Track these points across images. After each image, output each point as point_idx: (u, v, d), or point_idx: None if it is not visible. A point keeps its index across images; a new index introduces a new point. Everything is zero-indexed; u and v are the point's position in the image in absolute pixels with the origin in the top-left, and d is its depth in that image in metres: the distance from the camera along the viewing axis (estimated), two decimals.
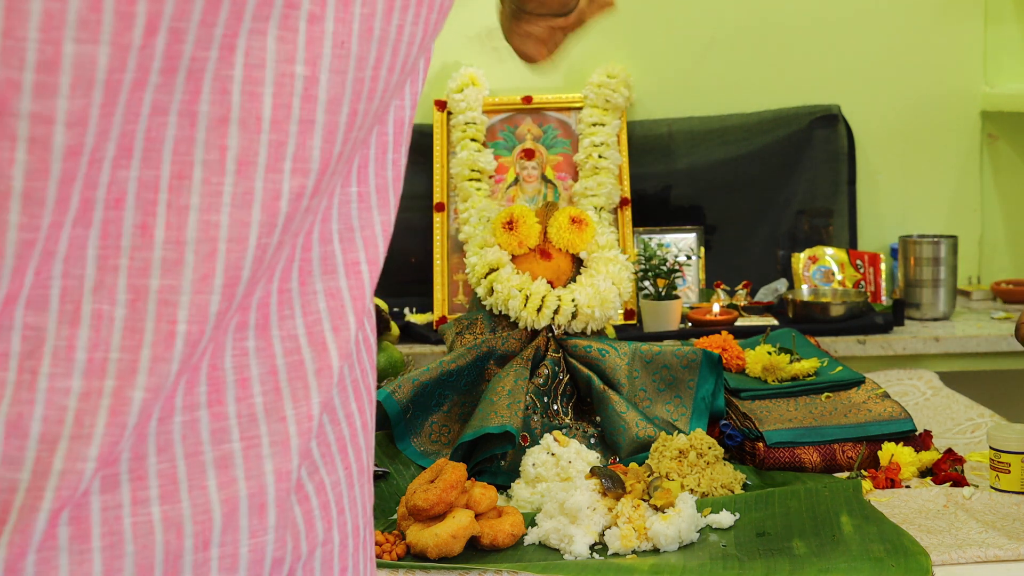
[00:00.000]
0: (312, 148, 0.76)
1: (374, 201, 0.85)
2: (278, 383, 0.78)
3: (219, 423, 0.76)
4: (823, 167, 3.02)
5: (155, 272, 0.72)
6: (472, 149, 2.82)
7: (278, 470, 0.77)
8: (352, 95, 0.77)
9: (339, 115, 0.77)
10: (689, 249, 2.89)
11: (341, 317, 0.82)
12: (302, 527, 0.79)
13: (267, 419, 0.77)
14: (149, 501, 0.73)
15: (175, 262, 0.72)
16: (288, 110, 0.75)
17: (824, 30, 3.05)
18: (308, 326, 0.80)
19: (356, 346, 0.86)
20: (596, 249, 1.98)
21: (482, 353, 1.89)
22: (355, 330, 0.83)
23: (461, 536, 1.47)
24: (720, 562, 1.45)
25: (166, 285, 0.72)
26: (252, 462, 0.76)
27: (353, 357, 0.86)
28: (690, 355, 1.89)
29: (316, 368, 0.80)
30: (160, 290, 0.72)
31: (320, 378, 0.80)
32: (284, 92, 0.74)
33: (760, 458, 1.78)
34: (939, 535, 1.51)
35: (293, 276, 0.79)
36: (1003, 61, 3.11)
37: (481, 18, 2.98)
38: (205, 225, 0.73)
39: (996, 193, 3.14)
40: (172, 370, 0.73)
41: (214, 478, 0.75)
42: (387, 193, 0.86)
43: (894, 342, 2.69)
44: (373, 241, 0.84)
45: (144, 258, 0.72)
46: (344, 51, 0.76)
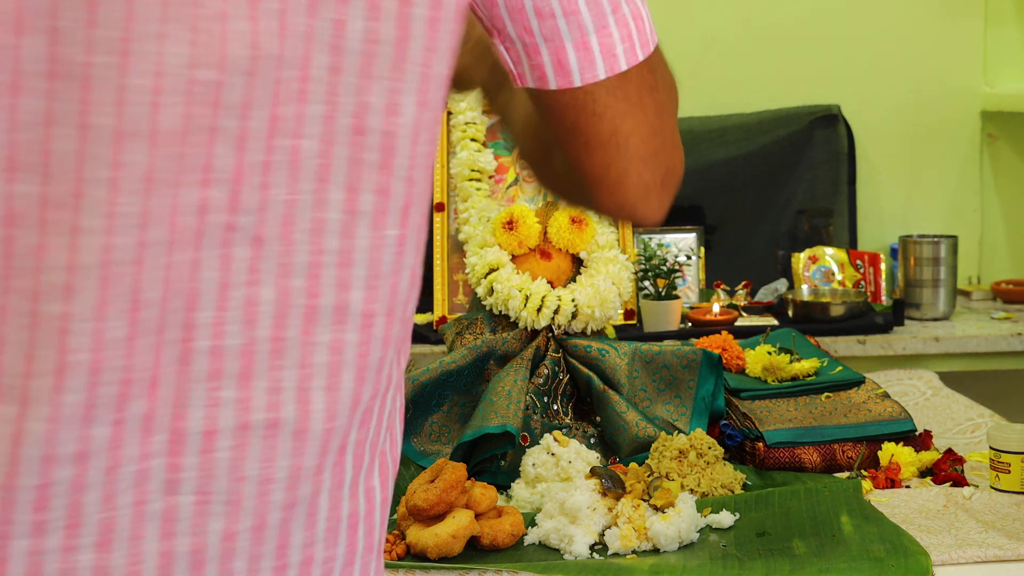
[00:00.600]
0: (220, 157, 0.72)
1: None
2: (247, 440, 0.75)
3: (174, 474, 0.73)
4: (823, 167, 3.02)
5: (51, 297, 0.68)
6: (472, 149, 2.82)
7: (226, 530, 0.74)
8: (272, 98, 0.73)
9: (251, 120, 0.73)
10: (689, 249, 2.89)
11: (336, 375, 0.78)
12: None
13: (228, 476, 0.74)
14: (79, 548, 0.70)
15: (70, 287, 0.68)
16: (191, 119, 0.70)
17: (824, 30, 3.05)
18: (300, 380, 0.76)
19: (373, 412, 0.82)
20: (596, 249, 1.98)
21: (482, 353, 1.88)
22: (363, 392, 0.79)
23: (461, 536, 1.47)
24: (720, 562, 1.45)
25: (62, 312, 0.68)
26: (199, 519, 0.74)
27: (372, 424, 0.82)
28: (690, 355, 1.89)
29: (295, 429, 0.77)
30: (57, 317, 0.68)
31: (297, 440, 0.76)
32: (188, 100, 0.70)
33: (760, 458, 1.78)
34: (939, 535, 1.51)
35: (291, 324, 0.76)
36: (1003, 61, 3.11)
37: None
38: (104, 248, 0.69)
39: (996, 193, 3.14)
40: (78, 401, 0.69)
41: (155, 530, 0.72)
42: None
43: (894, 342, 2.69)
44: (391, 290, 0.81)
45: (40, 281, 0.68)
46: (257, 52, 0.72)
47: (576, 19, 0.89)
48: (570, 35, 0.89)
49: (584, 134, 0.93)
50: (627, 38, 0.93)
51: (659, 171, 0.94)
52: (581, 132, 0.92)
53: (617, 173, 0.94)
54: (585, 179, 0.95)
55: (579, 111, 0.92)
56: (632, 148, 0.93)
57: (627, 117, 0.92)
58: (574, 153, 0.94)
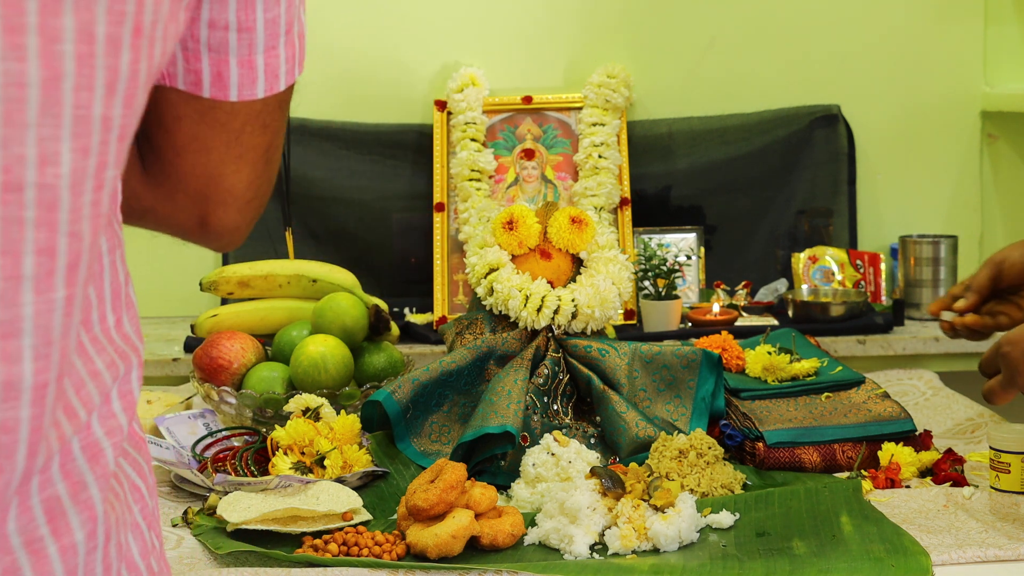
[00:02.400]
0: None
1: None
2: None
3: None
4: (823, 167, 3.01)
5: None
6: (472, 149, 2.82)
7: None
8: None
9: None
10: (689, 249, 2.89)
11: (11, 456, 0.74)
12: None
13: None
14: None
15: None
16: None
17: (824, 30, 3.05)
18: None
19: (52, 469, 0.78)
20: (596, 249, 1.98)
21: (482, 353, 1.89)
22: (35, 463, 0.76)
23: (461, 536, 1.47)
24: (720, 562, 1.45)
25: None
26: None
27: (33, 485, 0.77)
28: (690, 355, 1.89)
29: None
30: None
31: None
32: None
33: (760, 458, 1.78)
34: (939, 535, 1.51)
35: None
36: (1003, 61, 3.11)
37: (481, 18, 2.98)
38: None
39: (996, 193, 3.14)
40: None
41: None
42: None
43: (894, 342, 2.69)
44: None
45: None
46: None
47: (249, 36, 0.92)
48: (237, 51, 0.93)
49: (238, 146, 0.96)
50: (290, 59, 0.97)
51: (265, 199, 1.02)
52: (238, 144, 0.96)
53: (258, 191, 1.00)
54: (238, 193, 0.99)
55: (248, 120, 0.96)
56: (274, 166, 1.00)
57: (279, 137, 1.00)
58: (238, 169, 0.99)
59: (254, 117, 0.96)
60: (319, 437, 1.73)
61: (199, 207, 0.98)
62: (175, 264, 2.89)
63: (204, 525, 1.58)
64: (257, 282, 2.25)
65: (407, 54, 2.95)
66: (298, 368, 1.94)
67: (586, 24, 2.98)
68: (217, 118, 0.94)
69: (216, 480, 1.65)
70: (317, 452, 1.72)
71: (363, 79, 2.91)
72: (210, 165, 0.97)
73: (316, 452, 1.72)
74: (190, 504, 1.69)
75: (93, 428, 0.81)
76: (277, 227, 2.65)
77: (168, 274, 2.88)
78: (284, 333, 2.06)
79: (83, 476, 0.79)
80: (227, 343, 2.00)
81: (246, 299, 2.30)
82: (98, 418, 0.81)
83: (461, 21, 2.97)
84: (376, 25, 2.94)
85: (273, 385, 1.95)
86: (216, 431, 1.84)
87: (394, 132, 2.91)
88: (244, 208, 1.00)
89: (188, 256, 2.89)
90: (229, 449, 1.80)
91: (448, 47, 2.95)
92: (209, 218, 0.99)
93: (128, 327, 0.88)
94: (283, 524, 1.53)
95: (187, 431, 1.87)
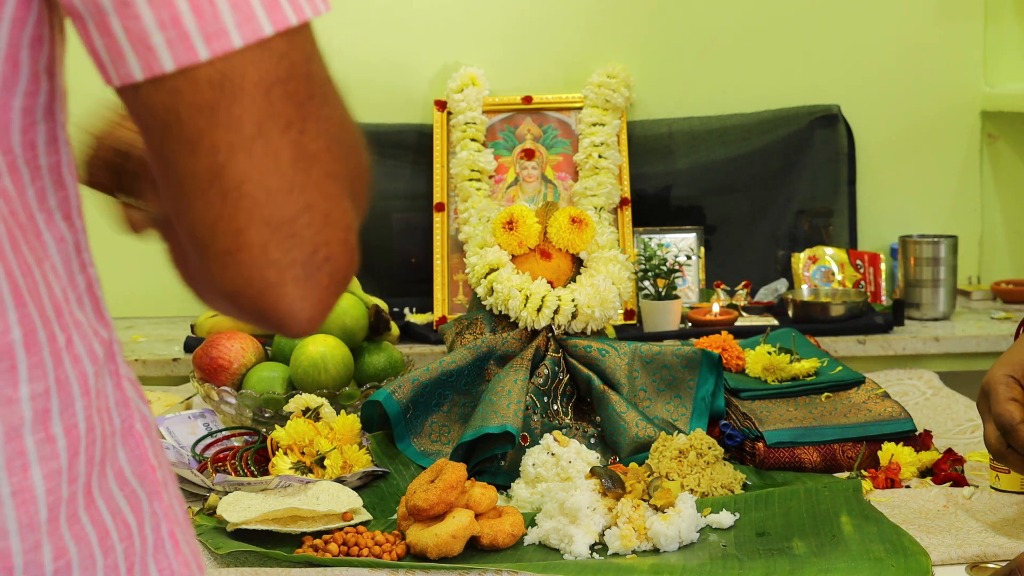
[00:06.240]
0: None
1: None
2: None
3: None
4: (823, 167, 3.02)
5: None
6: (472, 149, 2.82)
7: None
8: None
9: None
10: (689, 249, 2.89)
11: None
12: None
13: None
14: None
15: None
16: None
17: (824, 30, 3.05)
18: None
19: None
20: (596, 249, 1.98)
21: (482, 353, 1.89)
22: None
23: (461, 536, 1.47)
24: (720, 562, 1.45)
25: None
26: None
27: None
28: (690, 355, 1.89)
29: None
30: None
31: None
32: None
33: (760, 458, 1.78)
34: (939, 535, 1.51)
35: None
36: (1003, 61, 3.11)
37: (481, 18, 2.98)
38: None
39: (996, 193, 3.14)
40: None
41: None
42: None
43: (894, 342, 2.69)
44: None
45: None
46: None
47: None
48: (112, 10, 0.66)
49: (174, 169, 0.70)
50: (243, 5, 0.67)
51: (301, 249, 0.71)
52: (171, 165, 0.70)
53: (228, 236, 0.70)
54: (191, 247, 0.72)
55: (165, 129, 0.69)
56: (249, 203, 0.69)
57: (238, 154, 0.69)
58: (169, 203, 0.72)
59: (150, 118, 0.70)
60: (319, 437, 1.73)
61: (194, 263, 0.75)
62: None
63: (204, 525, 1.58)
64: None
65: (407, 54, 2.95)
66: (298, 368, 1.94)
67: (586, 24, 2.98)
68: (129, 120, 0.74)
69: (216, 480, 1.65)
70: (317, 452, 1.72)
71: (363, 79, 2.91)
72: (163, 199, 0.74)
73: (316, 452, 1.72)
74: (190, 504, 1.69)
75: (30, 471, 0.77)
76: None
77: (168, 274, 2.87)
78: None
79: (5, 524, 0.74)
80: (227, 343, 2.00)
81: None
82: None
83: (461, 21, 2.97)
84: (376, 25, 2.94)
85: (273, 385, 1.95)
86: (216, 431, 1.84)
87: (394, 132, 2.91)
88: (226, 263, 0.72)
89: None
90: (229, 449, 1.80)
91: (448, 47, 2.95)
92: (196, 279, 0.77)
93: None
94: (283, 524, 1.53)
95: (187, 431, 1.87)
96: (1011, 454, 1.43)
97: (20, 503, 0.73)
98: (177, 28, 0.66)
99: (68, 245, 0.78)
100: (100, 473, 0.78)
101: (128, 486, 0.80)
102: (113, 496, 0.79)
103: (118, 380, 0.82)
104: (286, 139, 0.69)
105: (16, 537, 0.73)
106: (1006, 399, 1.43)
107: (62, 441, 0.75)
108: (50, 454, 0.74)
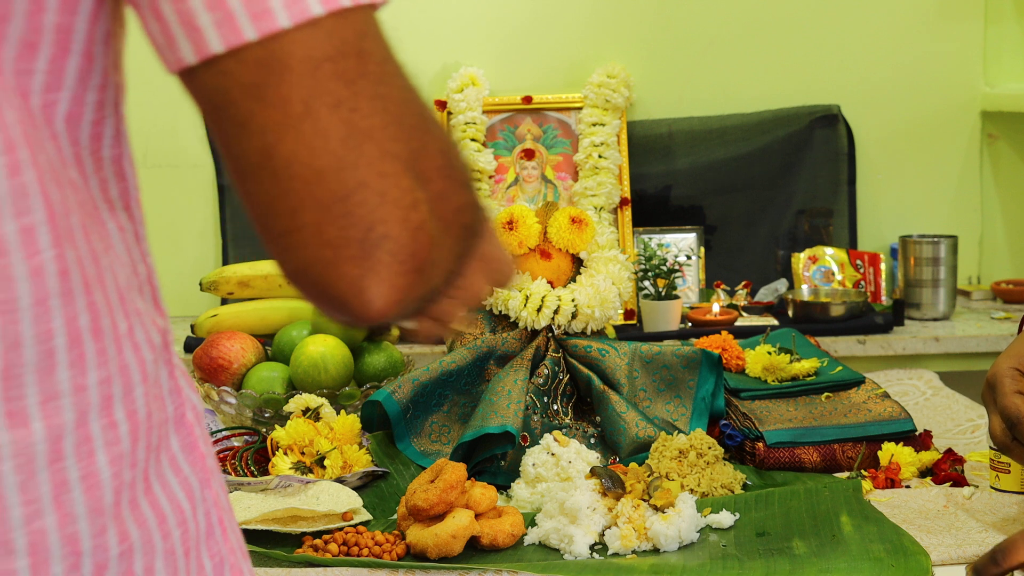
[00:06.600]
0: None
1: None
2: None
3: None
4: (823, 167, 3.02)
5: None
6: (472, 149, 2.82)
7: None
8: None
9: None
10: (689, 249, 2.89)
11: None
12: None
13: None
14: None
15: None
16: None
17: (824, 30, 3.05)
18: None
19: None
20: (596, 249, 1.98)
21: (482, 353, 1.89)
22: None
23: (461, 536, 1.47)
24: (720, 562, 1.45)
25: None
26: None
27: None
28: (690, 355, 1.89)
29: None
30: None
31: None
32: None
33: (760, 458, 1.78)
34: (939, 535, 1.51)
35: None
36: (1003, 61, 3.11)
37: (481, 18, 2.98)
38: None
39: (996, 193, 3.14)
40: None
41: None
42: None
43: (894, 342, 2.69)
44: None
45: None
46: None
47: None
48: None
49: (229, 151, 0.71)
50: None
51: (356, 228, 0.70)
52: (227, 147, 0.71)
53: (283, 216, 0.70)
54: (256, 230, 0.73)
55: (219, 111, 0.70)
56: (300, 183, 0.69)
57: (286, 133, 0.69)
58: (234, 186, 0.73)
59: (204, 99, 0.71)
60: (319, 437, 1.73)
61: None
62: (175, 264, 2.90)
63: None
64: (257, 282, 2.26)
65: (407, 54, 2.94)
66: (298, 368, 1.94)
67: (586, 24, 2.98)
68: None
69: None
70: (317, 452, 1.72)
71: None
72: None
73: (316, 452, 1.72)
74: None
75: (96, 456, 0.78)
76: None
77: (168, 274, 2.88)
78: (284, 333, 2.06)
79: (74, 508, 0.76)
80: (227, 343, 2.00)
81: (246, 299, 2.30)
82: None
83: (461, 21, 2.97)
84: None
85: (273, 385, 1.95)
86: (216, 431, 1.84)
87: None
88: (285, 245, 0.72)
89: (188, 256, 2.89)
90: (229, 449, 1.80)
91: (448, 47, 2.95)
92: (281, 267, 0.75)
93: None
94: (283, 524, 1.53)
95: None
96: (1016, 447, 1.44)
97: (88, 488, 0.74)
98: (223, 9, 0.67)
99: (128, 235, 0.80)
100: (156, 460, 0.79)
101: (181, 473, 0.82)
102: (168, 482, 0.80)
103: (171, 369, 0.84)
104: (336, 117, 0.69)
105: (85, 521, 0.74)
106: (1012, 391, 1.44)
107: (124, 427, 0.76)
108: (113, 439, 0.76)
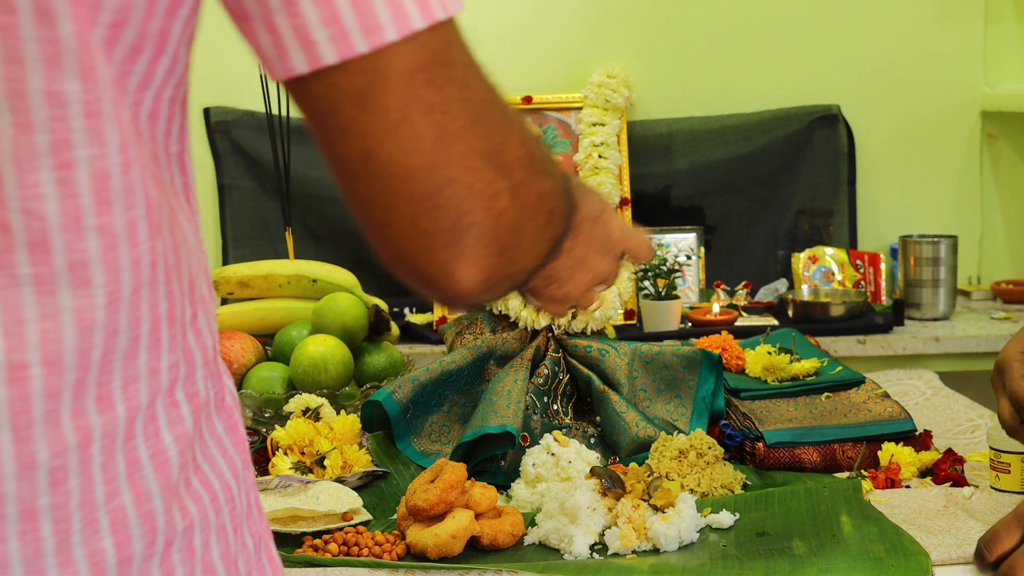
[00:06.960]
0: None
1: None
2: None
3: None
4: (823, 167, 3.02)
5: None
6: None
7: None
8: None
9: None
10: (689, 249, 2.89)
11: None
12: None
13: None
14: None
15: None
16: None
17: (824, 30, 3.05)
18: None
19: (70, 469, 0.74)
20: None
21: (482, 353, 1.89)
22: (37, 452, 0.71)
23: (461, 536, 1.47)
24: (720, 562, 1.45)
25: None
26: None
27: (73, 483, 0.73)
28: (690, 355, 1.89)
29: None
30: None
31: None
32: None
33: (760, 458, 1.78)
34: (939, 535, 1.51)
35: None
36: (1003, 61, 3.11)
37: (481, 18, 2.98)
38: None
39: (996, 193, 3.14)
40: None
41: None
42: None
43: (894, 342, 2.69)
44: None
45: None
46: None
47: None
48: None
49: (332, 153, 0.78)
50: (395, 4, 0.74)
51: (447, 218, 0.78)
52: (329, 150, 0.78)
53: (382, 210, 0.78)
54: (359, 223, 0.81)
55: (323, 117, 0.77)
56: (397, 181, 0.77)
57: (385, 138, 0.76)
58: (337, 183, 0.81)
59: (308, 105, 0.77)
60: (319, 437, 1.73)
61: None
62: None
63: None
64: (257, 282, 2.26)
65: None
66: (298, 368, 1.94)
67: (586, 24, 2.98)
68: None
69: None
70: (317, 452, 1.72)
71: None
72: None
73: (316, 452, 1.72)
74: None
75: (162, 435, 0.78)
76: (277, 227, 2.65)
77: None
78: (284, 333, 2.06)
79: (148, 487, 0.77)
80: (227, 343, 2.00)
81: (246, 299, 2.30)
82: (166, 423, 0.79)
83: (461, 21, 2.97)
84: None
85: (273, 385, 1.95)
86: None
87: None
88: (384, 235, 0.80)
89: None
90: None
91: None
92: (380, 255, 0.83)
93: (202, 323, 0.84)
94: (283, 524, 1.53)
95: None
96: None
97: (158, 466, 0.76)
98: (337, 25, 0.73)
99: (193, 226, 0.84)
100: (202, 441, 0.82)
101: (227, 453, 0.84)
102: (216, 462, 0.83)
103: (216, 355, 0.86)
104: (429, 121, 0.76)
105: (159, 499, 0.76)
106: (1021, 375, 1.44)
107: (186, 407, 0.79)
108: (176, 418, 0.78)
